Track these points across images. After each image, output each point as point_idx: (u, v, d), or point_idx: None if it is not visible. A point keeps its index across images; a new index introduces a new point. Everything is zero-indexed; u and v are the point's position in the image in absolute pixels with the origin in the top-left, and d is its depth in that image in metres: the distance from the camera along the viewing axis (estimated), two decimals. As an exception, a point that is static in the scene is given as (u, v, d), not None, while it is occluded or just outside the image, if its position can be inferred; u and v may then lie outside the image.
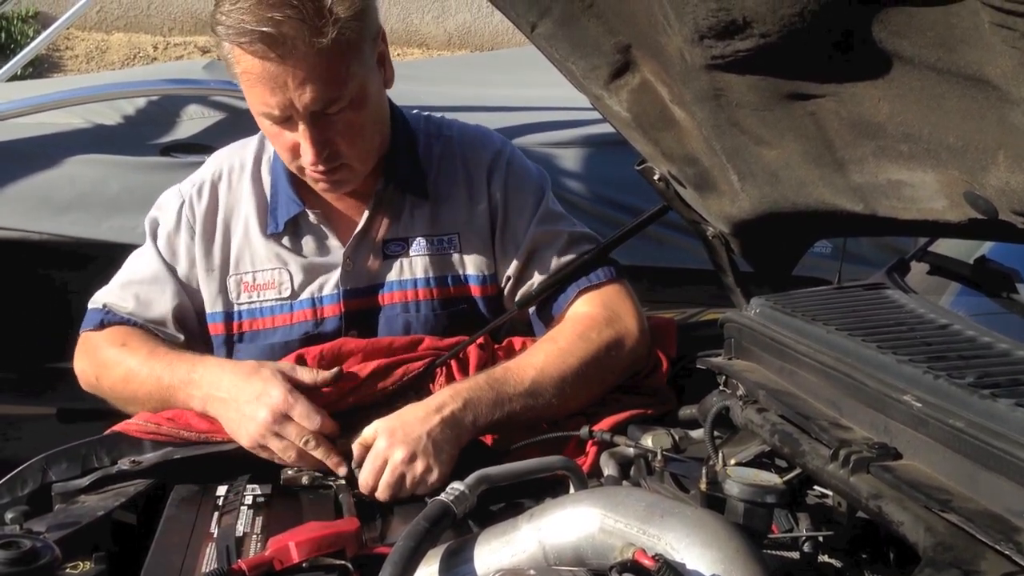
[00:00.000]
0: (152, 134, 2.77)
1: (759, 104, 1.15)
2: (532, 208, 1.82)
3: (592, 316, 1.73)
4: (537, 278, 1.80)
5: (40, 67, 7.03)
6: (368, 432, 1.52)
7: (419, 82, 3.45)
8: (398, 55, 7.47)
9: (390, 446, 1.47)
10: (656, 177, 1.64)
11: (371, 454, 1.49)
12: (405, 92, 3.08)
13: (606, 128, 1.73)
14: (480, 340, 1.71)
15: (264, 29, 1.50)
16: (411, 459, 1.47)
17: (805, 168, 1.25)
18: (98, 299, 1.80)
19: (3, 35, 7.14)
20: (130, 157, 2.65)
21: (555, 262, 1.80)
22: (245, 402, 1.54)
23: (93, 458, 1.57)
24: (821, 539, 1.13)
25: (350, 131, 1.64)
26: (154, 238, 1.81)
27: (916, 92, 0.99)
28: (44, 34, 3.60)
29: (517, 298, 1.81)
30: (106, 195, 2.60)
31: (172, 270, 1.79)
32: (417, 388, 1.65)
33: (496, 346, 1.73)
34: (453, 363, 1.68)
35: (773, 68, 1.07)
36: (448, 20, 8.46)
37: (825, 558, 1.14)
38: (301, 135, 1.61)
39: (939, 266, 1.70)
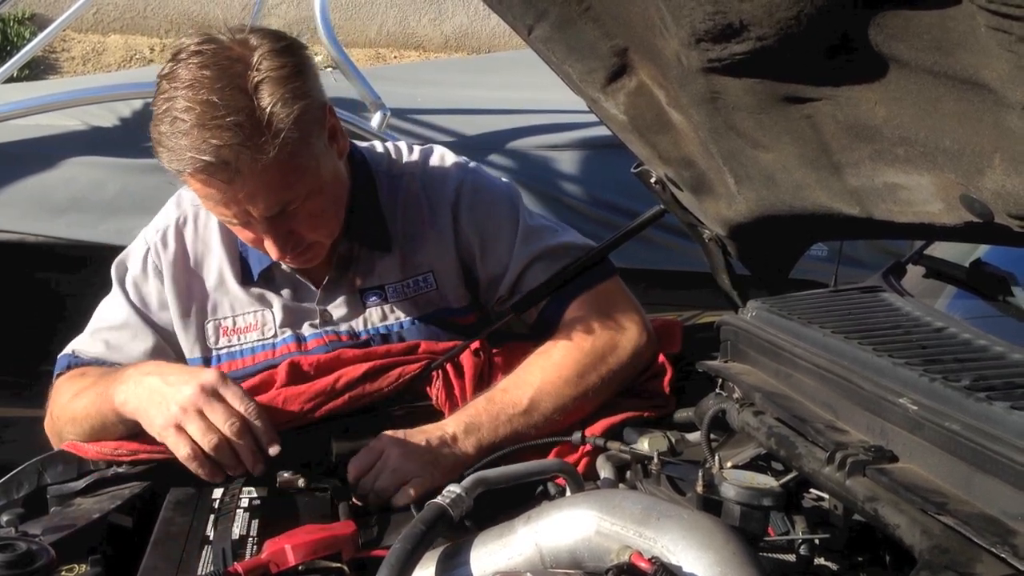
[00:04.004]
0: (149, 136, 2.76)
1: (755, 107, 1.15)
2: (510, 231, 1.79)
3: (585, 322, 1.70)
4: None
5: (36, 69, 7.01)
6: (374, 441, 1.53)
7: (416, 85, 3.46)
8: (395, 58, 7.45)
9: (387, 453, 1.49)
10: (653, 180, 1.63)
11: (366, 448, 1.51)
12: (403, 95, 3.10)
13: (603, 131, 1.74)
14: (476, 346, 1.70)
15: (205, 158, 1.47)
16: (397, 471, 1.48)
17: (801, 171, 1.25)
18: (68, 347, 1.78)
19: (0, 37, 7.14)
20: (127, 159, 2.66)
21: (546, 276, 1.77)
22: (172, 377, 1.48)
23: (89, 461, 1.57)
24: (817, 542, 1.13)
25: (310, 219, 1.62)
26: (122, 285, 1.78)
27: (912, 95, 0.99)
28: (40, 36, 3.60)
29: (511, 304, 1.78)
30: (103, 197, 2.60)
31: (144, 316, 1.75)
32: (413, 391, 1.65)
33: (494, 351, 1.72)
34: (449, 368, 1.67)
35: (770, 71, 1.07)
36: (445, 23, 8.44)
37: (821, 561, 1.14)
38: (262, 234, 1.59)
39: (935, 269, 1.70)
